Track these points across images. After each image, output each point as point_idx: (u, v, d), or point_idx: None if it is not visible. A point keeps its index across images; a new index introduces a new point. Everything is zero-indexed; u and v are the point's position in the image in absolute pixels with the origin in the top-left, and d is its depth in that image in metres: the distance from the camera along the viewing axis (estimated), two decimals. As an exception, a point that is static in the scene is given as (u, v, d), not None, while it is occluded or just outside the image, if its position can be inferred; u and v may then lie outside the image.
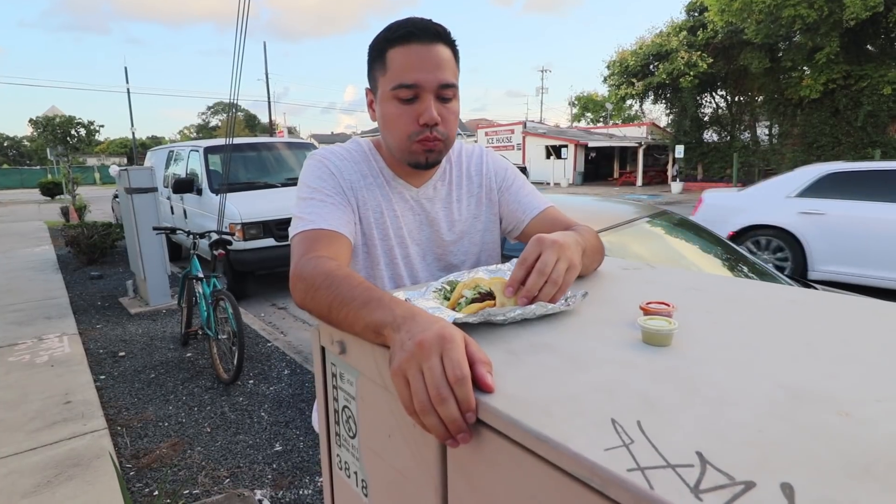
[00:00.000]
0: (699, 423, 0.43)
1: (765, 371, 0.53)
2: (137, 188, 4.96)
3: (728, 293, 0.83)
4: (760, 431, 0.41)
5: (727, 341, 0.61)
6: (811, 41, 16.02)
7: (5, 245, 9.58)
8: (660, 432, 0.42)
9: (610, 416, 0.44)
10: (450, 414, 0.48)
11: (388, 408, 0.63)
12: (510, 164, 1.14)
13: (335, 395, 0.76)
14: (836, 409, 0.45)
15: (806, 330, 0.66)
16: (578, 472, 0.39)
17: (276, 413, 3.01)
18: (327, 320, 0.71)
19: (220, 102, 55.65)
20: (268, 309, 5.49)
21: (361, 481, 0.72)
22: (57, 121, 23.36)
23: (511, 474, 0.46)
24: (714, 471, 0.36)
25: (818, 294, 0.83)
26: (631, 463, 0.38)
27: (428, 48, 0.89)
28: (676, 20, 21.32)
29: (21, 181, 37.49)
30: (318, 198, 0.93)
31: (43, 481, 2.31)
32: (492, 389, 0.50)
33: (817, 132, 17.93)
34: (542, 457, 0.42)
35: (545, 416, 0.45)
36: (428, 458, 0.57)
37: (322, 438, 0.82)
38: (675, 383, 0.50)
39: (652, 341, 0.60)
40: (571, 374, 0.54)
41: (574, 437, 0.41)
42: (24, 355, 3.86)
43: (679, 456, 0.38)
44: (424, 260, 1.04)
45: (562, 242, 0.72)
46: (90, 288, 6.12)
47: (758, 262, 2.95)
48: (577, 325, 0.68)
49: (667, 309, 0.67)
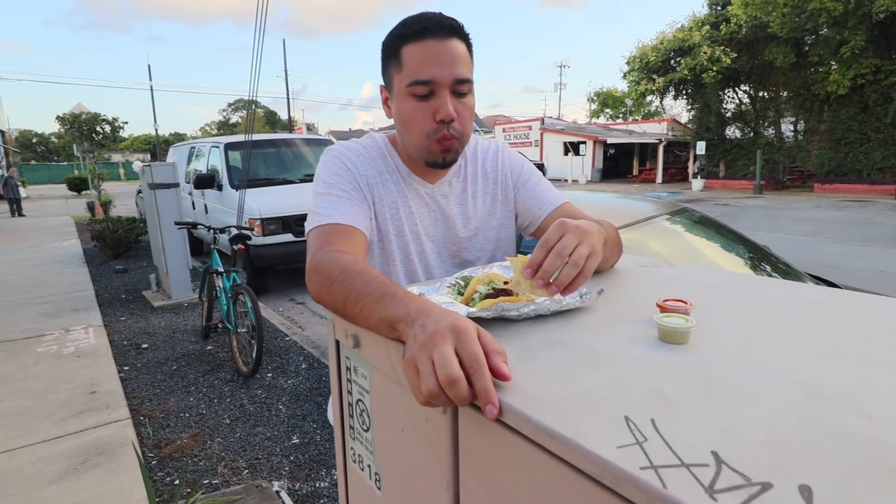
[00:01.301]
0: (715, 422, 0.42)
1: (784, 370, 0.52)
2: (160, 184, 5.05)
3: (747, 291, 0.81)
4: (778, 431, 0.41)
5: (745, 339, 0.60)
6: (839, 35, 15.56)
7: (35, 239, 9.86)
8: (674, 431, 0.41)
9: (623, 414, 0.44)
10: (459, 394, 0.48)
11: (401, 402, 0.63)
12: (526, 160, 1.13)
13: (349, 389, 0.77)
14: (858, 410, 0.44)
15: (827, 329, 0.64)
16: (590, 470, 0.39)
17: (293, 406, 3.05)
18: (342, 314, 0.71)
19: (241, 99, 56.32)
20: (286, 304, 5.56)
21: (375, 474, 0.72)
22: (83, 118, 23.91)
23: (523, 470, 0.46)
24: (730, 471, 0.36)
25: (841, 293, 0.80)
26: (644, 461, 0.37)
27: (443, 43, 0.89)
28: (698, 14, 20.90)
29: (49, 177, 38.48)
30: (335, 193, 0.93)
31: (69, 469, 2.37)
32: (508, 378, 0.50)
33: (845, 128, 17.44)
34: (553, 453, 0.42)
35: (558, 412, 0.45)
36: (440, 453, 0.57)
37: (336, 431, 0.82)
38: (691, 381, 0.50)
39: (668, 339, 0.59)
40: (585, 370, 0.53)
41: (587, 434, 0.41)
42: (52, 346, 3.97)
43: (694, 455, 0.38)
44: (439, 256, 1.04)
45: (585, 228, 0.70)
46: (115, 281, 6.27)
47: (781, 261, 2.89)
48: (593, 322, 0.67)
49: (684, 306, 0.66)
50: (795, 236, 9.11)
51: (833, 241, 8.59)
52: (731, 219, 11.47)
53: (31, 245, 9.10)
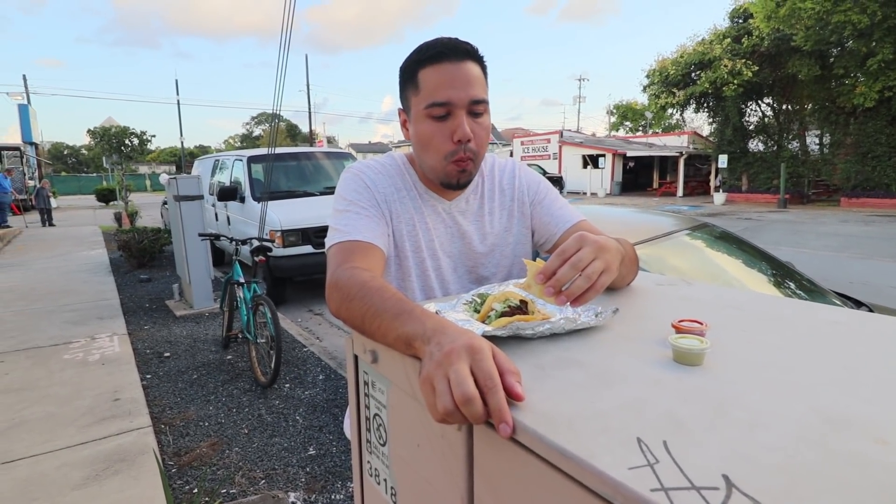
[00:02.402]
0: (727, 446, 0.43)
1: (799, 394, 0.52)
2: (185, 196, 5.18)
3: (765, 312, 0.81)
4: (791, 457, 0.41)
5: (762, 362, 0.60)
6: (865, 47, 15.30)
7: (63, 248, 10.15)
8: (686, 453, 0.42)
9: (636, 435, 0.44)
10: (474, 413, 0.49)
11: (417, 418, 0.65)
12: (542, 178, 1.14)
13: (367, 403, 0.78)
14: (873, 437, 0.44)
15: (846, 353, 0.64)
16: (602, 490, 0.40)
17: (310, 417, 3.07)
18: (361, 330, 0.73)
19: (264, 113, 57.51)
20: (305, 315, 5.61)
21: (391, 488, 0.73)
22: (113, 131, 24.69)
23: (535, 489, 0.47)
24: (740, 495, 0.36)
25: (862, 315, 0.80)
26: (655, 483, 0.38)
27: (458, 66, 0.92)
28: (719, 28, 20.75)
29: (79, 188, 39.65)
30: (354, 210, 0.96)
31: (92, 475, 2.42)
32: (522, 398, 0.51)
33: (872, 142, 17.06)
34: (566, 473, 0.43)
35: (570, 432, 0.46)
36: (455, 469, 0.58)
37: (353, 445, 0.84)
38: (704, 404, 0.50)
39: (683, 360, 0.60)
40: (599, 390, 0.54)
41: (599, 455, 0.42)
42: (79, 353, 4.08)
43: (704, 478, 0.38)
44: (456, 272, 1.06)
45: (603, 243, 0.71)
46: (139, 290, 6.41)
47: (805, 278, 2.84)
48: (607, 341, 0.68)
49: (699, 327, 0.66)
50: (821, 252, 8.90)
51: (861, 256, 8.37)
52: (754, 233, 11.27)
53: (60, 254, 9.37)
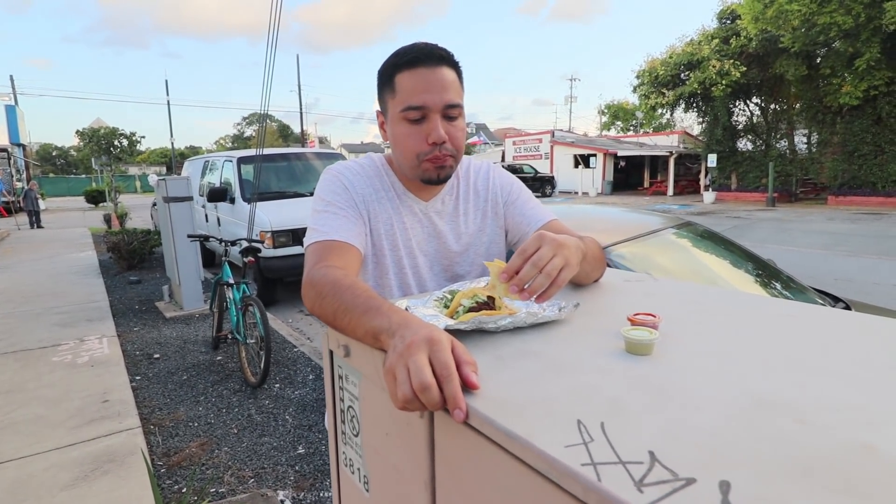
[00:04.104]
0: (659, 426, 0.46)
1: (735, 379, 0.56)
2: (174, 197, 5.18)
3: (722, 306, 0.85)
4: (715, 435, 0.45)
5: (707, 351, 0.64)
6: (851, 47, 15.51)
7: (52, 250, 10.08)
8: (620, 433, 0.45)
9: (577, 418, 0.48)
10: (431, 400, 0.52)
11: (386, 408, 0.68)
12: (516, 180, 1.18)
13: (341, 396, 0.82)
14: (795, 418, 0.47)
15: (789, 342, 0.68)
16: (540, 467, 0.43)
17: (300, 416, 3.09)
18: (333, 325, 0.76)
19: (255, 113, 57.22)
20: (295, 315, 5.63)
21: (364, 477, 0.77)
22: (101, 132, 24.49)
23: (487, 468, 0.50)
24: (661, 468, 0.40)
25: (813, 309, 0.84)
26: (586, 459, 0.42)
27: (433, 71, 0.95)
28: (708, 28, 20.93)
29: (68, 189, 39.28)
30: (332, 210, 0.99)
31: (80, 475, 2.43)
32: (476, 387, 0.54)
33: (859, 140, 17.28)
34: (511, 453, 0.46)
35: (518, 416, 0.49)
36: (419, 455, 0.61)
37: (330, 437, 0.87)
38: (646, 389, 0.54)
39: (633, 350, 0.63)
40: (551, 378, 0.57)
41: (539, 435, 0.45)
42: (67, 356, 4.07)
43: (632, 454, 0.42)
44: (432, 270, 1.09)
45: (561, 241, 0.75)
46: (129, 292, 6.39)
47: (784, 274, 2.90)
48: (566, 334, 0.72)
49: (652, 320, 0.70)
50: (808, 249, 9.02)
51: (846, 254, 8.50)
52: (742, 231, 11.40)
53: (49, 256, 9.31)
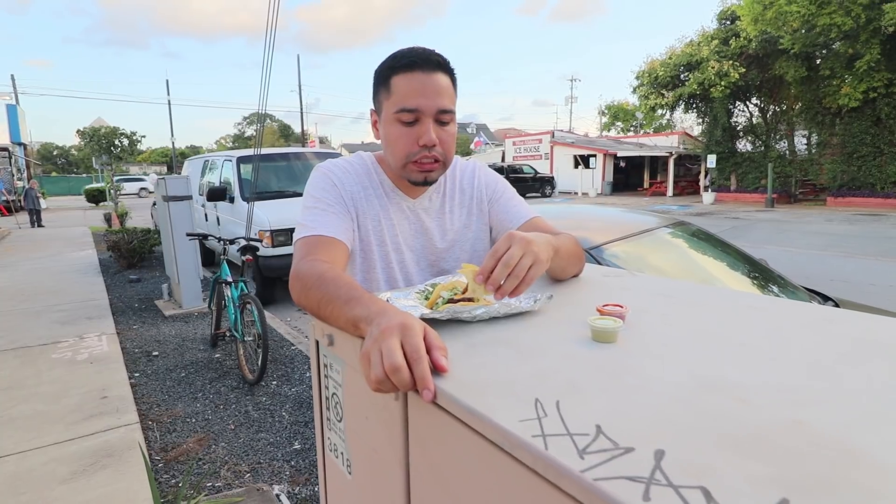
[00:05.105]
0: (610, 404, 0.50)
1: (689, 364, 0.59)
2: (174, 196, 5.22)
3: (692, 298, 0.88)
4: (659, 412, 0.48)
5: (668, 339, 0.68)
6: (851, 49, 15.54)
7: (53, 249, 10.12)
8: (573, 410, 0.49)
9: (535, 397, 0.52)
10: (401, 380, 0.56)
11: (366, 393, 0.72)
12: (501, 178, 1.22)
13: (326, 384, 0.85)
14: (736, 397, 0.51)
15: (748, 332, 0.71)
16: (496, 439, 0.47)
17: (296, 413, 3.13)
18: (317, 315, 0.80)
19: (255, 113, 57.30)
20: (293, 314, 5.66)
21: (347, 460, 0.80)
22: (102, 131, 24.52)
23: (452, 443, 0.54)
24: (605, 439, 0.44)
25: (781, 302, 0.88)
26: (538, 431, 0.45)
27: (429, 76, 0.98)
28: (707, 29, 20.97)
29: (69, 188, 39.35)
30: (321, 207, 1.02)
31: (79, 470, 2.47)
32: (445, 370, 0.58)
33: (858, 142, 17.32)
34: (473, 428, 0.50)
35: (481, 395, 0.53)
36: (395, 435, 0.65)
37: (316, 423, 0.91)
38: (603, 372, 0.57)
39: (599, 338, 0.67)
40: (517, 363, 0.61)
41: (498, 412, 0.49)
42: (67, 352, 4.11)
43: (580, 427, 0.46)
44: (418, 265, 1.13)
45: (530, 239, 0.79)
46: (128, 290, 6.43)
47: (776, 273, 2.93)
48: (538, 323, 0.75)
49: (620, 310, 0.74)
50: (805, 250, 9.05)
51: (844, 255, 8.53)
52: (740, 232, 11.43)
53: (49, 255, 9.35)
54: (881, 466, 0.39)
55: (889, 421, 0.46)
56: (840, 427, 0.45)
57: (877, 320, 0.77)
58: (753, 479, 0.38)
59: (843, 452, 0.41)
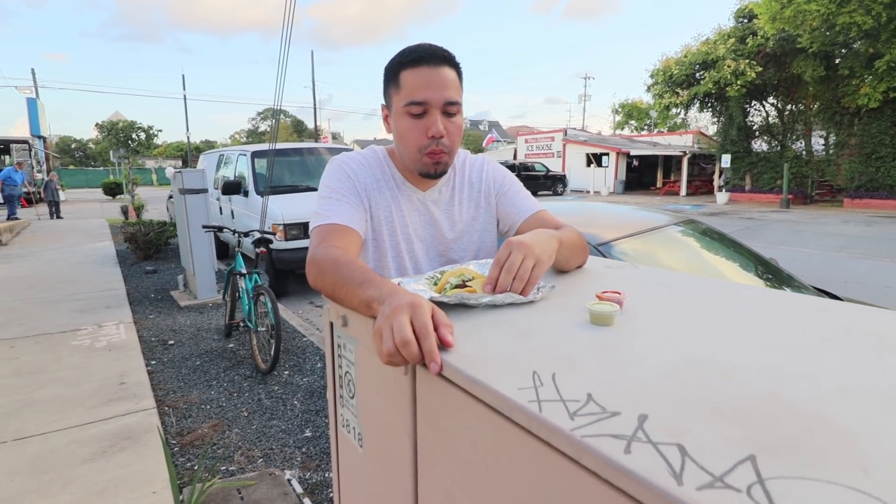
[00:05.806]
0: (602, 377, 0.54)
1: (679, 345, 0.63)
2: (190, 189, 5.32)
3: (690, 289, 0.92)
4: (647, 384, 0.52)
5: (662, 323, 0.72)
6: (871, 48, 15.28)
7: (71, 240, 10.34)
8: (567, 381, 0.53)
9: (533, 370, 0.56)
10: (410, 353, 0.61)
11: (377, 370, 0.77)
12: (508, 172, 1.26)
13: (340, 363, 0.90)
14: (721, 373, 0.55)
15: (740, 319, 0.75)
16: (496, 405, 0.51)
17: (307, 402, 3.20)
18: (332, 298, 0.85)
19: (269, 108, 57.69)
20: (306, 306, 5.75)
21: (358, 434, 0.86)
22: (120, 125, 24.79)
23: (457, 412, 0.59)
24: (594, 404, 0.48)
25: (776, 293, 0.91)
26: (533, 397, 0.50)
27: (436, 70, 1.03)
28: (724, 28, 20.71)
29: (86, 181, 40.01)
30: (335, 197, 1.08)
31: (99, 451, 2.56)
32: (451, 345, 0.63)
33: (876, 142, 17.03)
34: (476, 396, 0.55)
35: (484, 367, 0.57)
36: (403, 408, 0.70)
37: (329, 401, 0.96)
38: (599, 351, 0.62)
39: (596, 321, 0.71)
40: (518, 341, 0.66)
41: (499, 381, 0.54)
42: (86, 340, 4.22)
43: (573, 395, 0.50)
44: (428, 255, 1.17)
45: (528, 243, 0.84)
46: (145, 281, 6.56)
47: (785, 272, 2.93)
48: (539, 308, 0.80)
49: (618, 297, 0.78)
50: (820, 251, 8.95)
51: (859, 256, 8.43)
52: (753, 232, 11.32)
53: (68, 245, 9.55)
54: (843, 431, 0.43)
55: (861, 393, 0.50)
56: (814, 399, 0.49)
57: (870, 311, 0.80)
58: (727, 440, 0.42)
59: (811, 418, 0.45)
